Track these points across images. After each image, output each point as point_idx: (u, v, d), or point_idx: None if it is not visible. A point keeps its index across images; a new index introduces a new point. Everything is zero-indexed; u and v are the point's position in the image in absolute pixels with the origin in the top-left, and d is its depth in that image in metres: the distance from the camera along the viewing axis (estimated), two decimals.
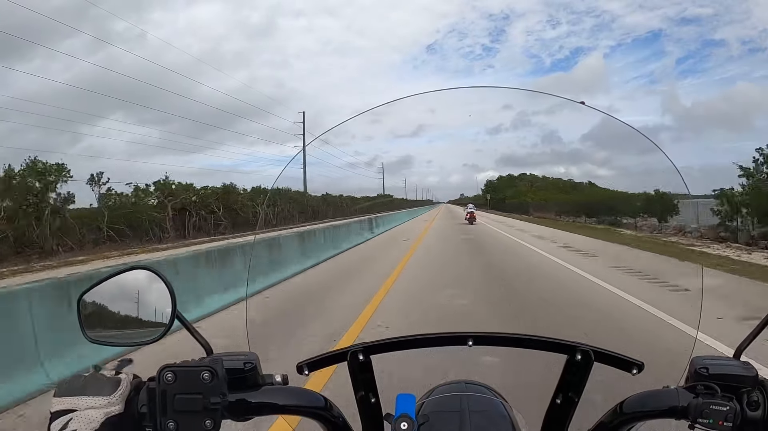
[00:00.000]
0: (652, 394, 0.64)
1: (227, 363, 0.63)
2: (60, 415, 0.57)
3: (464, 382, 0.85)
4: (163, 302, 0.71)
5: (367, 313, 5.45)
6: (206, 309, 5.80)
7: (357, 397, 0.73)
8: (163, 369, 0.59)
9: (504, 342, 0.77)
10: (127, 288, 0.73)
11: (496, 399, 0.82)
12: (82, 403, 0.57)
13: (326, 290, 7.16)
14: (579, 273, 8.21)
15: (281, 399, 0.65)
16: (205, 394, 0.58)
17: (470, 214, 23.80)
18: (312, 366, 0.75)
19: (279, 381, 0.67)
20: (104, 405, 0.57)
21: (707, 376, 0.61)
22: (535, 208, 35.52)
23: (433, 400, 0.82)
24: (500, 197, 46.31)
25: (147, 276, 0.72)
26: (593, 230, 20.04)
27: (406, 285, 7.30)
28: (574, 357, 0.71)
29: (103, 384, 0.59)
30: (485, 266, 9.30)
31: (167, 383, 0.58)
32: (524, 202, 38.73)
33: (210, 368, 0.58)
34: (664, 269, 8.52)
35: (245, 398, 0.63)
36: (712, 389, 0.60)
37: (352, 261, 10.92)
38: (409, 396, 0.66)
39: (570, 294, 6.54)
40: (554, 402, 0.73)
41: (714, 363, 0.63)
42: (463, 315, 5.30)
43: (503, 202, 43.95)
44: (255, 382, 0.65)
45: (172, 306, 0.69)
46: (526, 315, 5.19)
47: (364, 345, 0.74)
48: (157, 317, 0.71)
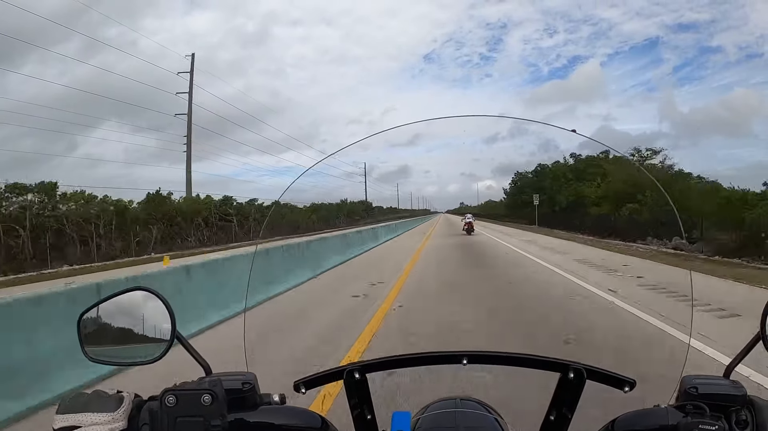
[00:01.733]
0: (643, 413, 0.65)
1: (226, 383, 0.64)
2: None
3: (459, 399, 0.85)
4: (162, 321, 0.72)
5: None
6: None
7: (353, 415, 0.74)
8: (165, 393, 0.60)
9: (498, 360, 0.78)
10: (126, 307, 0.74)
11: (490, 416, 0.83)
12: (87, 419, 0.58)
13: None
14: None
15: (279, 419, 0.66)
16: (206, 417, 0.59)
17: (468, 224, 23.21)
18: (309, 385, 0.76)
19: (277, 401, 0.68)
20: (108, 422, 0.58)
21: (697, 395, 0.63)
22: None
23: (427, 417, 0.82)
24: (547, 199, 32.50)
25: (146, 297, 0.73)
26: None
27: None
28: (566, 376, 0.72)
29: (105, 401, 0.60)
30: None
31: (169, 406, 0.59)
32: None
33: (210, 391, 0.60)
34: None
35: (244, 418, 0.64)
36: (701, 408, 0.61)
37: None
38: (404, 414, 0.67)
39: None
40: (548, 419, 0.74)
41: (703, 383, 0.64)
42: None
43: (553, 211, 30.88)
44: (253, 402, 0.66)
45: (172, 326, 0.70)
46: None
47: (361, 363, 0.75)
48: (157, 335, 0.72)
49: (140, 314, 0.73)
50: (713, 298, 6.04)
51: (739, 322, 4.89)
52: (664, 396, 0.70)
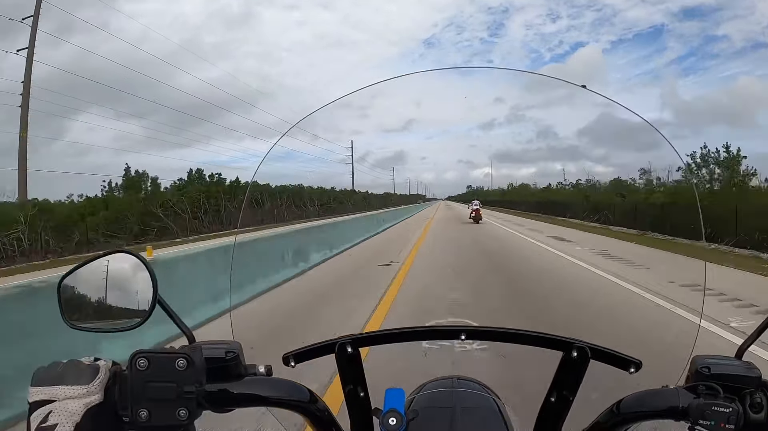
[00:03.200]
0: (651, 394, 0.61)
1: (207, 351, 0.61)
2: (39, 406, 0.54)
3: (456, 378, 0.83)
4: (145, 287, 0.68)
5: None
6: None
7: (345, 391, 0.71)
8: (135, 355, 0.56)
9: (497, 336, 0.75)
10: (108, 272, 0.70)
11: (488, 396, 0.80)
12: (61, 393, 0.54)
13: None
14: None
15: (264, 390, 0.62)
16: (179, 383, 0.55)
17: (475, 212, 20.59)
18: (298, 358, 0.73)
19: (262, 372, 0.65)
20: (83, 395, 0.55)
21: (709, 376, 0.59)
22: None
23: (423, 396, 0.80)
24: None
25: (128, 261, 0.69)
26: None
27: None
28: (569, 354, 0.69)
29: (81, 371, 0.56)
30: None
31: (140, 370, 0.56)
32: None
33: (185, 355, 0.56)
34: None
35: (226, 388, 0.61)
36: (714, 389, 0.57)
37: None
38: (398, 391, 0.64)
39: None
40: (548, 400, 0.71)
41: (716, 363, 0.60)
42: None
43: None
44: (237, 372, 0.63)
45: (153, 292, 0.66)
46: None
47: (353, 336, 0.71)
48: (139, 302, 0.68)
49: (123, 279, 0.69)
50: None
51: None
52: (670, 379, 0.66)
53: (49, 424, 0.53)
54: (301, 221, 26.89)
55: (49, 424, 0.53)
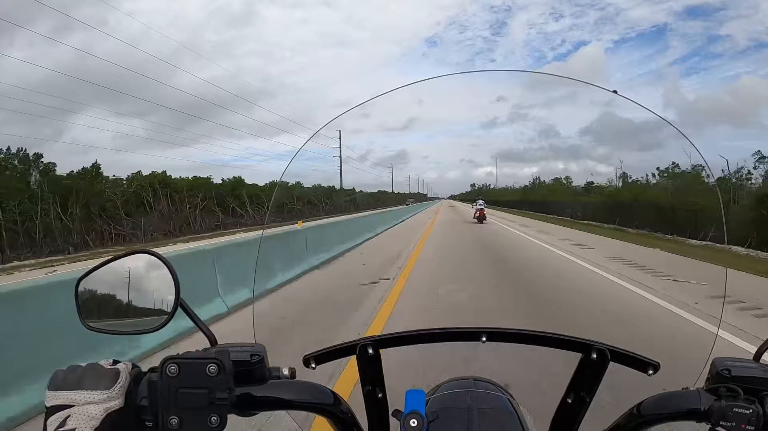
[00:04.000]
0: (672, 395, 0.62)
1: (233, 354, 0.60)
2: (56, 410, 0.53)
3: (472, 378, 0.83)
4: (165, 289, 0.67)
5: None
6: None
7: (364, 392, 0.71)
8: (166, 361, 0.55)
9: (518, 338, 0.75)
10: (128, 273, 0.69)
11: (503, 396, 0.80)
12: (80, 398, 0.53)
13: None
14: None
15: (289, 394, 0.62)
16: (212, 389, 0.54)
17: (480, 212, 19.86)
18: (319, 359, 0.73)
19: (286, 375, 0.65)
20: (103, 400, 0.53)
21: (729, 378, 0.60)
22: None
23: (440, 397, 0.80)
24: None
25: (149, 262, 0.69)
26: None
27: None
28: (589, 356, 0.69)
29: (101, 375, 0.55)
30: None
31: (170, 376, 0.54)
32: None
33: (217, 360, 0.55)
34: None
35: (251, 392, 0.60)
36: (735, 391, 0.58)
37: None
38: (418, 392, 0.64)
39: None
40: (565, 401, 0.71)
41: (736, 365, 0.61)
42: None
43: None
44: (262, 376, 0.62)
45: (176, 294, 0.66)
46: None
47: (374, 338, 0.71)
48: (160, 304, 0.68)
49: (143, 280, 0.68)
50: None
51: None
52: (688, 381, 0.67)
53: (67, 428, 0.52)
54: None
55: (67, 428, 0.52)
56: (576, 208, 24.69)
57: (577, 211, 23.80)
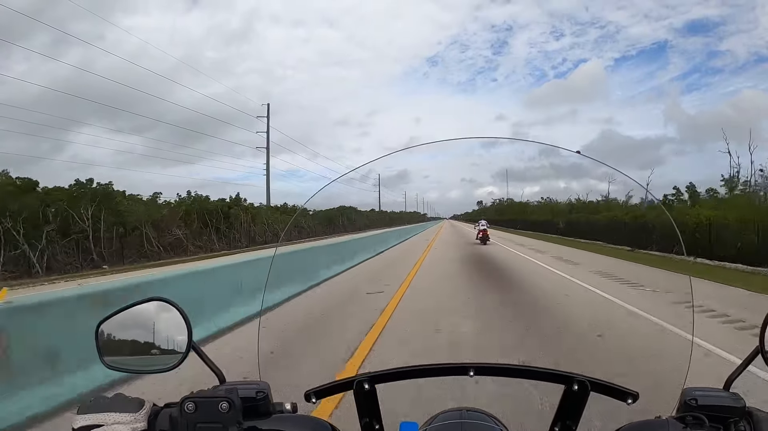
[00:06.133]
0: (645, 424, 0.66)
1: (241, 392, 0.67)
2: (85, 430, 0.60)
3: (465, 410, 0.87)
4: (178, 331, 0.75)
5: None
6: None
7: (361, 424, 0.76)
8: (185, 400, 0.62)
9: (504, 372, 0.80)
10: (143, 317, 0.77)
11: (496, 427, 0.84)
12: (109, 419, 0.60)
13: None
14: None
15: (291, 427, 0.68)
16: (224, 423, 0.61)
17: (482, 232, 19.27)
18: (319, 394, 0.79)
19: (289, 409, 0.70)
20: (130, 422, 0.61)
21: (696, 407, 0.64)
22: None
23: (434, 428, 0.84)
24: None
25: (163, 306, 0.76)
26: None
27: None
28: (571, 388, 0.74)
29: (128, 403, 0.63)
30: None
31: (188, 412, 0.62)
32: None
33: (228, 398, 0.62)
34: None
35: (257, 426, 0.66)
36: (701, 420, 0.63)
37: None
38: (411, 425, 0.69)
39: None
40: (552, 430, 0.75)
41: (703, 395, 0.66)
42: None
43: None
44: (266, 410, 0.68)
45: (188, 336, 0.73)
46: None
47: (370, 374, 0.77)
48: (173, 345, 0.75)
49: (157, 323, 0.75)
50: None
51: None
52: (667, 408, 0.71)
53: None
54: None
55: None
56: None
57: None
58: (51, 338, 3.40)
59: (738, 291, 7.97)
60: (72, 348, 3.32)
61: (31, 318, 3.37)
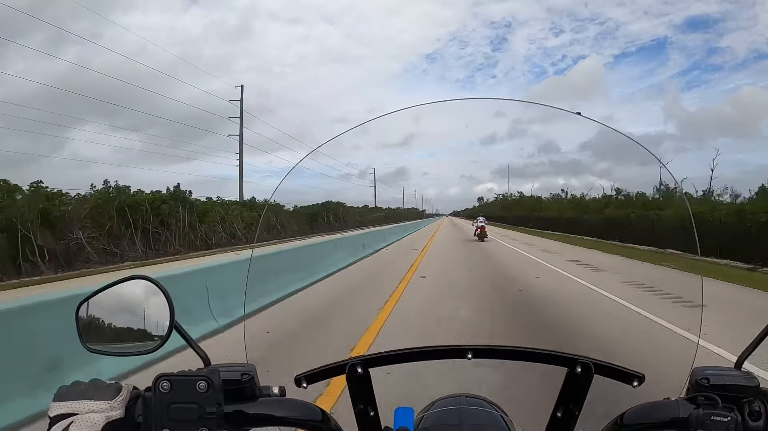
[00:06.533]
0: (653, 406, 0.63)
1: (224, 374, 0.63)
2: (60, 419, 0.56)
3: (464, 396, 0.84)
4: (161, 312, 0.71)
5: None
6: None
7: (355, 410, 0.73)
8: (159, 378, 0.59)
9: (504, 355, 0.77)
10: (125, 297, 0.73)
11: (495, 413, 0.81)
12: (84, 407, 0.57)
13: None
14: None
15: (278, 411, 0.64)
16: (201, 404, 0.58)
17: (480, 229, 19.64)
18: (310, 379, 0.75)
19: (276, 393, 0.67)
20: (105, 410, 0.57)
21: (708, 387, 0.61)
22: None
23: (432, 414, 0.81)
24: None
25: (146, 286, 0.72)
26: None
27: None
28: (574, 370, 0.70)
29: (104, 389, 0.59)
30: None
31: (163, 392, 0.58)
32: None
33: (206, 378, 0.58)
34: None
35: (242, 409, 0.62)
36: (713, 400, 0.59)
37: None
38: (407, 410, 0.66)
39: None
40: (555, 415, 0.72)
41: (715, 374, 0.62)
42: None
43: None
44: (252, 394, 0.65)
45: (170, 317, 0.69)
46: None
47: (363, 357, 0.73)
48: (156, 328, 0.71)
49: (139, 303, 0.71)
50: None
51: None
52: (673, 392, 0.68)
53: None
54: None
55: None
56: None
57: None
58: None
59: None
60: None
61: None
